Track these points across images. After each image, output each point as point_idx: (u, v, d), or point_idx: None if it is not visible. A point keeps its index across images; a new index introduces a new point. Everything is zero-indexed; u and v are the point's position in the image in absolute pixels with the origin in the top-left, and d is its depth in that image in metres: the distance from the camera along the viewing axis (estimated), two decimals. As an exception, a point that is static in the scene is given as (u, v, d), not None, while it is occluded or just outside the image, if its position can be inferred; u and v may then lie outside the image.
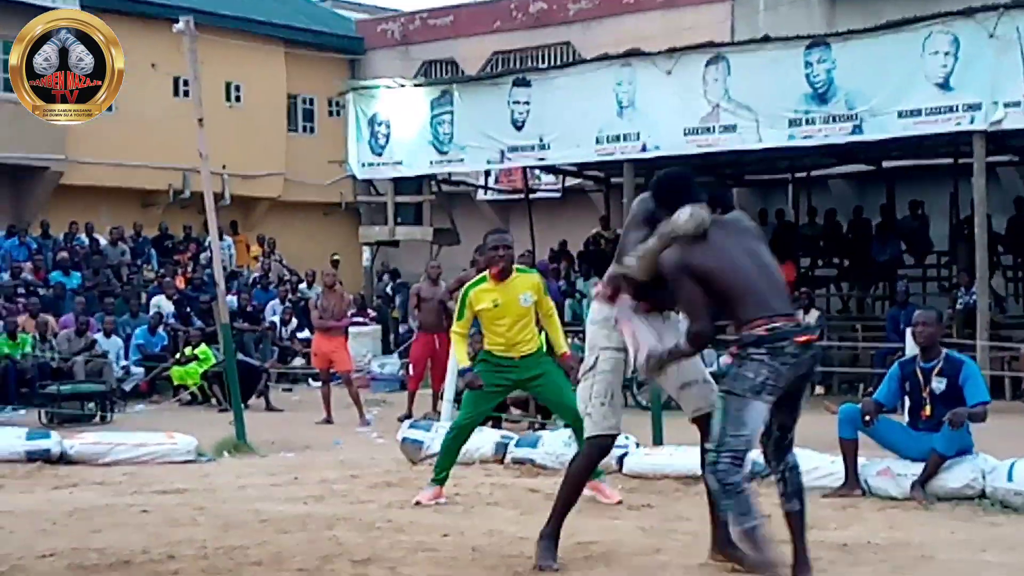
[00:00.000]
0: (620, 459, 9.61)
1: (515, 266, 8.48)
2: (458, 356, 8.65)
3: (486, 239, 8.48)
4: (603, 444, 6.21)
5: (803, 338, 5.55)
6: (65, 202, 24.86)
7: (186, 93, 26.27)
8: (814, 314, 17.30)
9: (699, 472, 8.87)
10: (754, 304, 5.55)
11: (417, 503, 8.23)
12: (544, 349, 8.63)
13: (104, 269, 22.17)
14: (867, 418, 8.49)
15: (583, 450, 6.34)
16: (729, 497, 5.51)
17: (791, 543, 5.72)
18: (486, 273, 8.46)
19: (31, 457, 10.30)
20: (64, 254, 22.02)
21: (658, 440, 10.38)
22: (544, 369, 8.45)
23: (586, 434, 6.22)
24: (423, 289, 15.20)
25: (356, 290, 22.87)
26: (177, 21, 13.50)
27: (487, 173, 24.35)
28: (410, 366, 15.37)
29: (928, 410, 8.47)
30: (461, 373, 8.80)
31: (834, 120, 16.40)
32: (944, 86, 15.63)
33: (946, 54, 15.61)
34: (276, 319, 21.72)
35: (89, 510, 7.96)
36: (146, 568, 6.16)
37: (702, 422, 6.04)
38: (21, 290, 20.33)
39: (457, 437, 8.62)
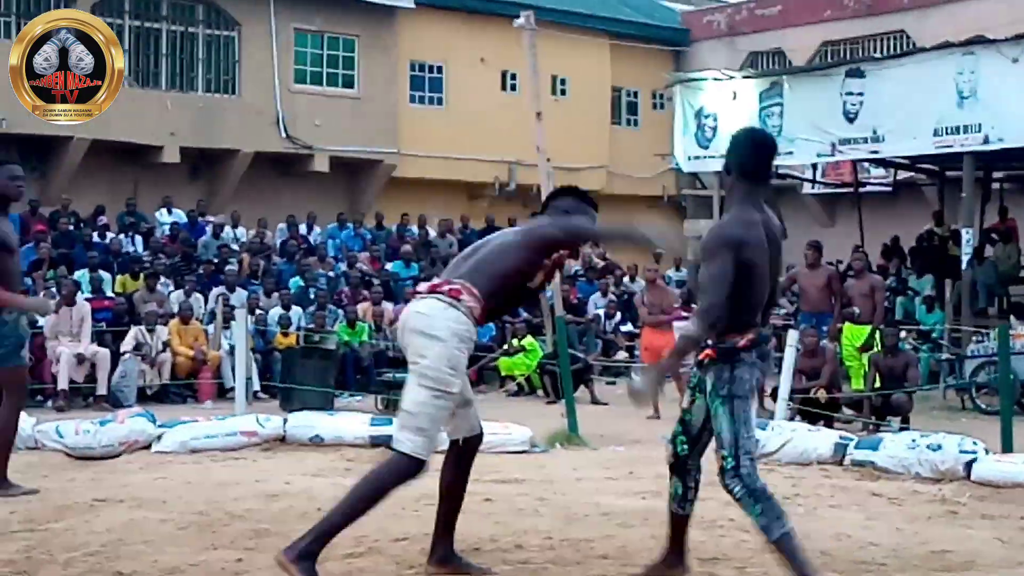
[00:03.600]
0: (968, 465, 9.22)
1: None
2: None
3: None
4: (421, 469, 5.48)
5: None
6: (397, 194, 25.73)
7: (513, 87, 26.83)
8: None
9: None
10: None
11: None
12: None
13: (438, 261, 22.78)
14: None
15: (393, 463, 5.46)
16: (759, 502, 5.23)
17: (674, 541, 5.77)
18: None
19: (375, 442, 10.59)
20: (407, 247, 22.73)
21: (1008, 447, 9.88)
22: None
23: (411, 450, 5.40)
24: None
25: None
26: (511, 17, 13.76)
27: (814, 166, 23.82)
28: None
29: None
30: None
31: None
32: None
33: None
34: (600, 312, 21.84)
35: (434, 496, 8.08)
36: (496, 556, 6.23)
37: (473, 444, 5.91)
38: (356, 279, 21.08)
39: None
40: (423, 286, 5.70)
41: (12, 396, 8.11)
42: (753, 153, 5.43)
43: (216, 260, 20.34)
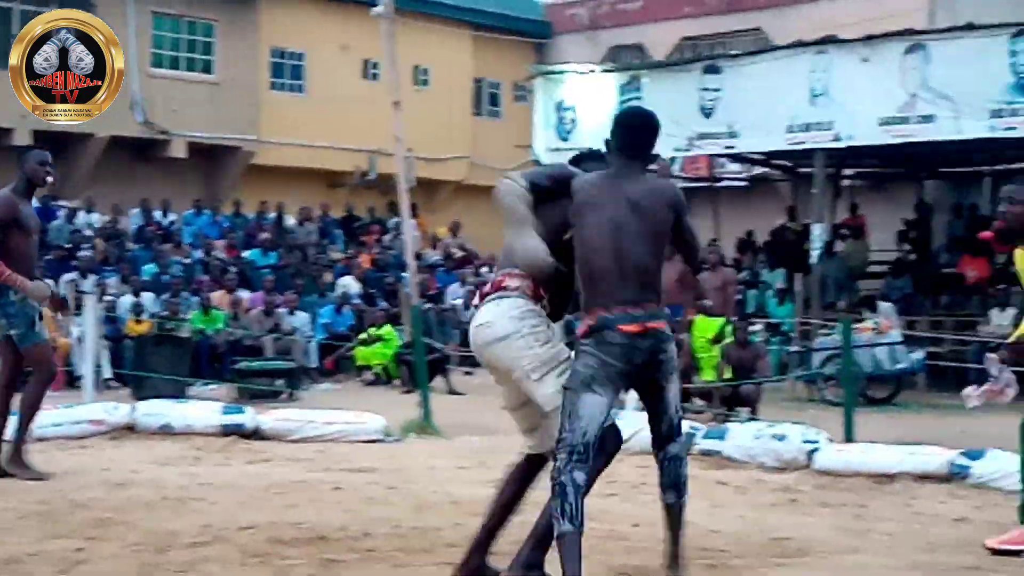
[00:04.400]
0: (810, 454, 9.44)
1: None
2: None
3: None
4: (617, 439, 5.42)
5: (630, 327, 5.07)
6: (256, 181, 25.49)
7: (375, 76, 26.74)
8: (1010, 312, 16.73)
9: (893, 471, 8.81)
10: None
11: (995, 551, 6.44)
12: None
13: (296, 249, 22.61)
14: None
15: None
16: (556, 496, 5.07)
17: (666, 536, 5.42)
18: None
19: (226, 431, 10.52)
20: (266, 235, 22.52)
21: (849, 436, 10.15)
22: None
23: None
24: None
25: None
26: (370, 5, 13.70)
27: (671, 160, 24.09)
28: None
29: None
30: None
31: (1040, 112, 15.85)
32: None
33: None
34: (458, 302, 21.88)
35: (284, 485, 8.09)
36: (343, 544, 6.21)
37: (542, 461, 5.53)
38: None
39: None
40: (478, 296, 5.47)
41: (39, 372, 8.42)
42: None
43: (68, 245, 19.92)
